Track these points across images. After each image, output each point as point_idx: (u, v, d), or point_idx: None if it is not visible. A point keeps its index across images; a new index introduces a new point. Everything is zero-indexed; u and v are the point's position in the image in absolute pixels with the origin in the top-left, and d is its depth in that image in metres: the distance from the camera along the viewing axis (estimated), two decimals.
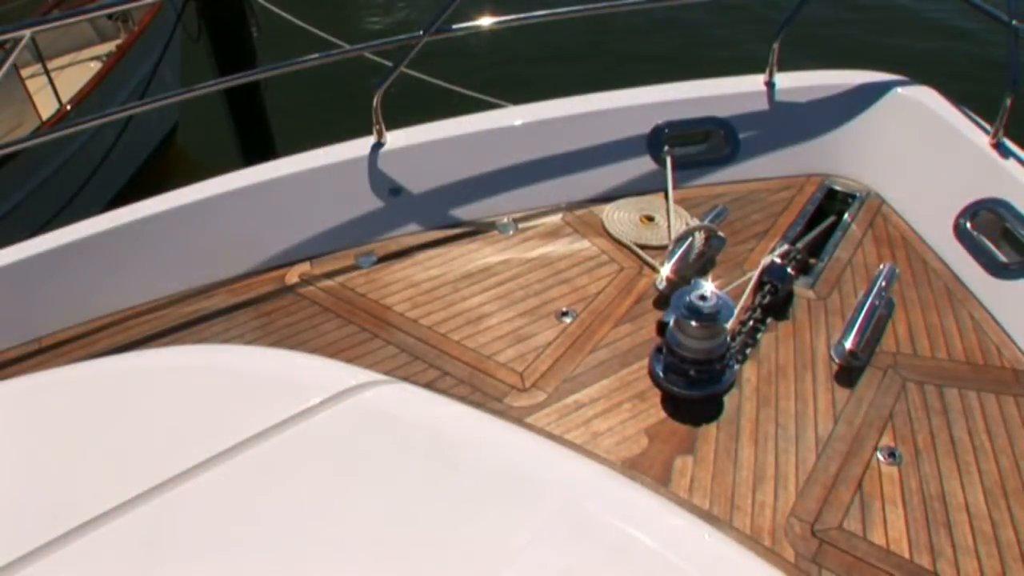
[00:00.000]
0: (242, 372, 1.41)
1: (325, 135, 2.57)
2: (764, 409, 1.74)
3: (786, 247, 2.10)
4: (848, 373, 1.83)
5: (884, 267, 2.02)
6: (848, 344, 1.83)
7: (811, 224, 2.32)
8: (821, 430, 1.69)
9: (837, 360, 1.85)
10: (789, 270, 2.00)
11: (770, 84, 2.52)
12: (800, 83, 2.54)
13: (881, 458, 1.63)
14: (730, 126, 2.49)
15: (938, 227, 2.20)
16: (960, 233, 2.12)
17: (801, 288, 2.07)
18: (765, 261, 2.00)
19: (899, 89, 2.45)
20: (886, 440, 1.67)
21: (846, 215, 2.35)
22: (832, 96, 2.50)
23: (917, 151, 2.35)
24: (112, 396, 1.34)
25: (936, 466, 1.62)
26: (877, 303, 1.92)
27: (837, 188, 2.45)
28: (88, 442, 1.22)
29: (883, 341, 1.92)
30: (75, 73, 5.73)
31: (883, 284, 1.96)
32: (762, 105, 2.52)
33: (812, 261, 2.18)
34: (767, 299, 1.96)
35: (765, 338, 1.92)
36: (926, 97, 2.39)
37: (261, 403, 1.28)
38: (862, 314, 1.88)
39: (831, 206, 2.42)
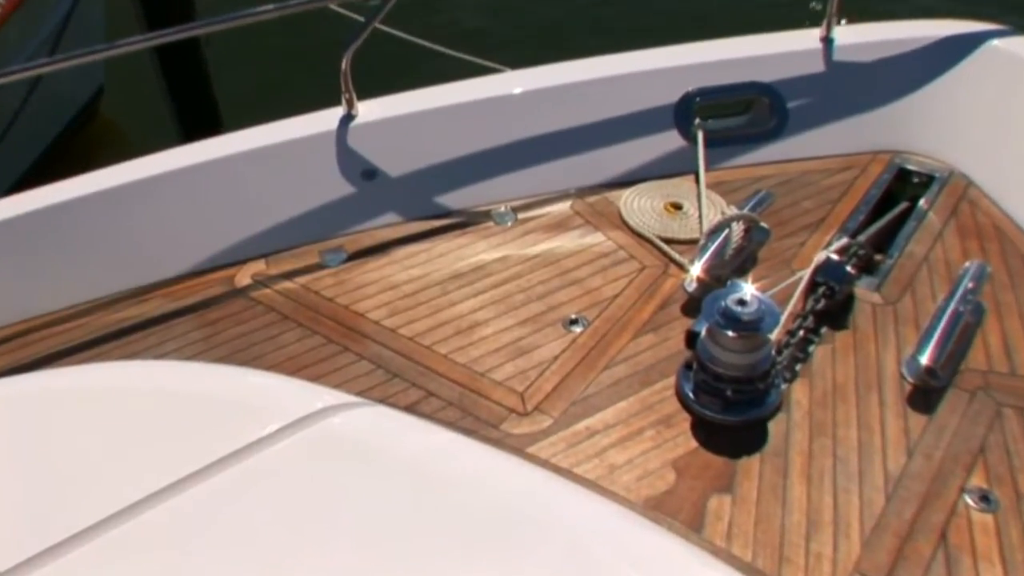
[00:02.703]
0: (182, 393, 1.43)
1: (282, 105, 2.59)
2: (819, 438, 1.75)
3: (845, 240, 2.11)
4: (925, 395, 1.83)
5: (971, 265, 2.03)
6: (924, 359, 1.82)
7: (877, 212, 2.33)
8: (891, 465, 1.69)
9: (910, 379, 1.86)
10: (849, 268, 2.02)
11: (827, 40, 2.54)
12: (865, 38, 2.55)
13: (970, 502, 1.62)
14: (776, 93, 2.51)
15: None
16: None
17: (864, 291, 2.09)
18: (819, 258, 2.02)
19: (994, 41, 2.44)
20: (976, 480, 1.66)
21: (922, 201, 2.36)
22: (906, 53, 2.51)
23: (1016, 119, 2.35)
24: (16, 424, 1.34)
25: None
26: (962, 309, 1.91)
27: (911, 167, 2.46)
28: None
29: (970, 356, 1.91)
30: None
31: (970, 286, 1.96)
32: (817, 66, 2.53)
33: (878, 258, 2.20)
34: (821, 304, 1.98)
35: (819, 351, 1.94)
36: None
37: (205, 431, 1.29)
38: (942, 322, 1.88)
39: (903, 190, 2.43)
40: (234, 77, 5.58)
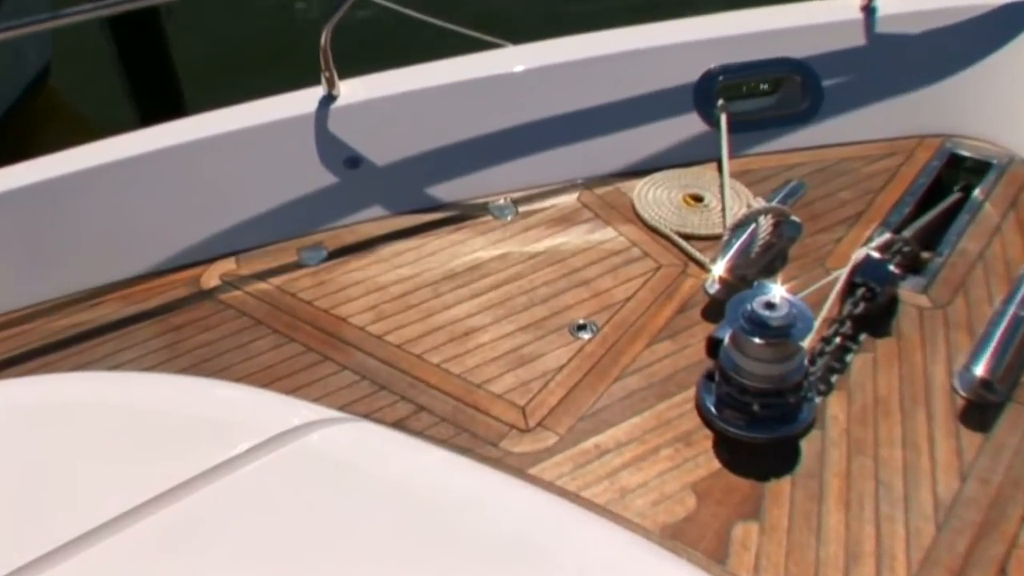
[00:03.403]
0: (142, 409, 1.43)
1: (254, 85, 2.60)
2: (858, 459, 1.76)
3: (888, 236, 2.12)
4: (980, 411, 1.83)
5: None
6: (979, 370, 1.83)
7: (925, 204, 2.34)
8: (942, 490, 1.69)
9: (963, 392, 1.86)
10: (892, 268, 2.03)
11: (868, 10, 2.55)
12: (911, 7, 2.56)
13: None
14: (810, 70, 2.52)
15: None
16: None
17: (910, 292, 2.10)
18: (858, 256, 2.02)
19: None
20: None
21: (976, 190, 2.37)
22: (958, 23, 2.52)
23: None
24: None
25: None
26: (1023, 314, 1.92)
27: (963, 153, 2.47)
28: None
29: None
30: None
31: None
32: (856, 40, 2.54)
33: (926, 255, 2.20)
34: (861, 307, 1.99)
35: (858, 361, 1.95)
36: None
37: (168, 451, 1.30)
38: (1000, 328, 1.88)
39: (954, 178, 2.44)
40: (198, 53, 5.59)
